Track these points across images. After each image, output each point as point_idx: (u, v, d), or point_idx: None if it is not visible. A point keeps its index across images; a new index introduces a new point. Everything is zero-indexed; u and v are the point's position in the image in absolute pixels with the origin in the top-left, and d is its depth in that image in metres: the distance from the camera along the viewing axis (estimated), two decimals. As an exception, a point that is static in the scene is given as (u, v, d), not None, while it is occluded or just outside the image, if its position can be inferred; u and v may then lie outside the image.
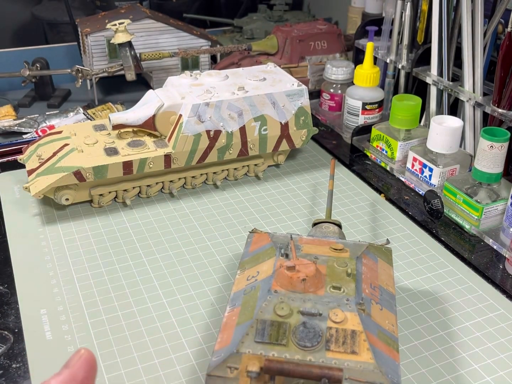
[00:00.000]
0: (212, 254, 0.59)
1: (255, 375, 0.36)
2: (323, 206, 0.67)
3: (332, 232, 0.52)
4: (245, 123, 0.67)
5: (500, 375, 0.46)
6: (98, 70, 0.89)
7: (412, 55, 0.80)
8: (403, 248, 0.60)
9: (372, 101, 0.80)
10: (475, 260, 0.59)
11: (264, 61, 0.91)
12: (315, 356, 0.36)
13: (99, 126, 0.69)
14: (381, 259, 0.48)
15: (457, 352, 0.48)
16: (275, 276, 0.41)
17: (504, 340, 0.49)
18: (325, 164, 0.76)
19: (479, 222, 0.61)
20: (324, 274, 0.42)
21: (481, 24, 0.67)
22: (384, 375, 0.35)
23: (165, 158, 0.65)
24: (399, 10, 0.80)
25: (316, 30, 0.95)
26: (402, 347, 0.48)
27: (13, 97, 0.94)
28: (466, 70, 0.69)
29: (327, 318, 0.38)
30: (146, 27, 0.92)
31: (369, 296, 0.42)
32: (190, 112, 0.64)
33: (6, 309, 0.51)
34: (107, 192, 0.65)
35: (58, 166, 0.61)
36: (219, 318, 0.50)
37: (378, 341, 0.38)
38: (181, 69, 0.97)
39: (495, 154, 0.59)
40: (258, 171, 0.72)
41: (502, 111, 0.65)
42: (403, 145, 0.72)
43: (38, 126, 0.83)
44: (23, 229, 0.62)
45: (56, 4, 1.28)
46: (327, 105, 0.87)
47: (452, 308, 0.52)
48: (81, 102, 0.94)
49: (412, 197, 0.69)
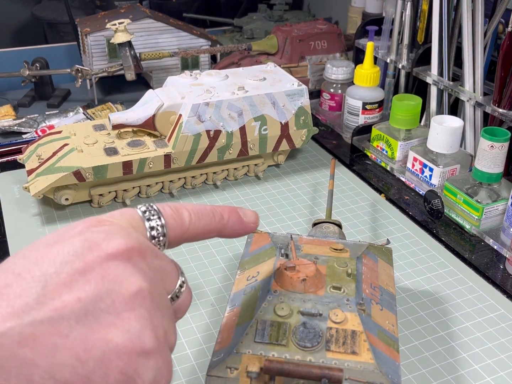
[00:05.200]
0: (212, 254, 0.59)
1: (255, 375, 0.36)
2: (323, 206, 0.67)
3: (332, 232, 0.52)
4: (245, 123, 0.67)
5: (500, 375, 0.46)
6: (98, 70, 0.89)
7: (412, 55, 0.80)
8: (403, 248, 0.60)
9: (372, 101, 0.79)
10: (475, 260, 0.59)
11: (264, 61, 0.90)
12: (315, 356, 0.36)
13: (99, 126, 0.69)
14: (381, 259, 0.48)
15: (458, 352, 0.48)
16: (275, 276, 0.41)
17: (504, 340, 0.49)
18: (325, 164, 0.76)
19: (480, 222, 0.60)
20: (324, 274, 0.42)
21: (481, 24, 0.67)
22: (384, 376, 0.35)
23: (165, 158, 0.64)
24: (399, 10, 0.80)
25: (316, 30, 0.95)
26: (402, 347, 0.48)
27: (12, 97, 0.94)
28: (467, 70, 0.69)
29: (327, 318, 0.38)
30: (146, 27, 0.92)
31: (369, 296, 0.42)
32: (190, 112, 0.64)
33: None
34: (107, 192, 0.65)
35: (58, 166, 0.61)
36: (219, 318, 0.50)
37: (378, 341, 0.38)
38: (181, 69, 0.97)
39: (496, 154, 0.59)
40: (258, 171, 0.72)
41: (503, 111, 0.65)
42: (403, 145, 0.72)
43: (37, 126, 0.83)
44: (23, 229, 0.62)
45: (56, 4, 1.28)
46: (327, 105, 0.87)
47: (453, 308, 0.52)
48: (81, 102, 0.94)
49: (413, 197, 0.69)
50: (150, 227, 0.30)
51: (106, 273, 0.25)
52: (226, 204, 0.67)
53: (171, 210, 0.31)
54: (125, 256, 0.26)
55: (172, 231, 0.31)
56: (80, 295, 0.24)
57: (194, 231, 0.32)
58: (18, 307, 0.23)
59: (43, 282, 0.24)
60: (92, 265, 0.25)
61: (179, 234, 0.31)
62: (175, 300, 0.30)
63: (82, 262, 0.25)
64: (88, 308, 0.24)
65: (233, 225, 0.34)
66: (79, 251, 0.25)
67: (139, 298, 0.25)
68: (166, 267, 0.29)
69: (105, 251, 0.26)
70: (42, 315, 0.23)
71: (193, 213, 0.32)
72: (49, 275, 0.24)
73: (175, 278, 0.30)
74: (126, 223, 0.29)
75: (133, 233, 0.28)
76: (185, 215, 0.31)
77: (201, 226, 0.32)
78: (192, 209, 0.32)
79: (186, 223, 0.31)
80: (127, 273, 0.26)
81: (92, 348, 0.24)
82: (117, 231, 0.27)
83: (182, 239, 0.32)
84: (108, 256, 0.25)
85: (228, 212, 0.34)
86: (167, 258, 0.30)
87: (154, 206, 0.31)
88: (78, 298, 0.24)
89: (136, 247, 0.27)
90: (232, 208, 0.35)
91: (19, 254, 0.26)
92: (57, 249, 0.26)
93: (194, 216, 0.32)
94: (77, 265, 0.25)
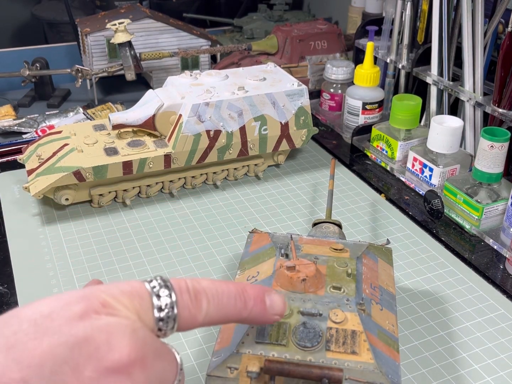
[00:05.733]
0: (212, 254, 0.59)
1: (255, 375, 0.36)
2: (323, 206, 0.67)
3: (332, 232, 0.52)
4: (245, 123, 0.67)
5: (500, 375, 0.46)
6: (98, 70, 0.89)
7: (412, 55, 0.80)
8: (403, 248, 0.60)
9: (372, 101, 0.79)
10: (475, 260, 0.59)
11: (264, 61, 0.90)
12: (315, 356, 0.36)
13: (99, 126, 0.69)
14: (381, 259, 0.48)
15: (457, 352, 0.48)
16: (275, 276, 0.41)
17: (504, 340, 0.49)
18: (325, 164, 0.76)
19: (479, 222, 0.60)
20: (324, 274, 0.42)
21: (481, 24, 0.67)
22: (384, 375, 0.35)
23: (165, 158, 0.64)
24: (399, 10, 0.80)
25: (316, 30, 0.95)
26: (402, 347, 0.48)
27: (13, 97, 0.94)
28: (467, 70, 0.69)
29: (327, 318, 0.38)
30: (146, 27, 0.92)
31: (369, 296, 0.42)
32: (190, 112, 0.64)
33: (5, 309, 0.51)
34: (107, 192, 0.65)
35: (58, 166, 0.61)
36: (219, 318, 0.50)
37: (378, 341, 0.38)
38: (181, 69, 0.97)
39: (496, 154, 0.59)
40: (258, 171, 0.72)
41: (503, 111, 0.65)
42: (403, 145, 0.72)
43: (38, 126, 0.83)
44: (23, 229, 0.62)
45: (56, 4, 1.28)
46: (327, 105, 0.87)
47: (452, 308, 0.52)
48: (81, 102, 0.94)
49: (412, 197, 0.69)
50: (159, 318, 0.27)
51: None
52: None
53: (189, 298, 0.27)
54: (125, 371, 0.24)
55: (182, 324, 0.27)
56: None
57: (207, 323, 0.28)
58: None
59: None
60: (87, 382, 0.22)
61: (189, 326, 0.28)
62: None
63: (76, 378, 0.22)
64: None
65: (254, 316, 0.30)
66: (75, 358, 0.22)
67: None
68: (165, 370, 0.27)
69: (104, 365, 0.23)
70: None
71: (212, 301, 0.28)
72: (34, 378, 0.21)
73: (173, 377, 0.27)
74: (134, 315, 0.25)
75: (140, 332, 0.25)
76: (204, 306, 0.28)
77: (217, 318, 0.28)
78: (213, 296, 0.28)
79: (202, 315, 0.28)
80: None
81: None
82: (122, 332, 0.24)
83: (190, 329, 0.29)
84: (107, 371, 0.23)
85: (254, 299, 0.30)
86: (167, 356, 0.27)
87: (169, 284, 0.27)
88: None
89: (139, 357, 0.24)
90: (260, 294, 0.30)
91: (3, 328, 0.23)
92: (47, 344, 0.22)
93: (212, 306, 0.28)
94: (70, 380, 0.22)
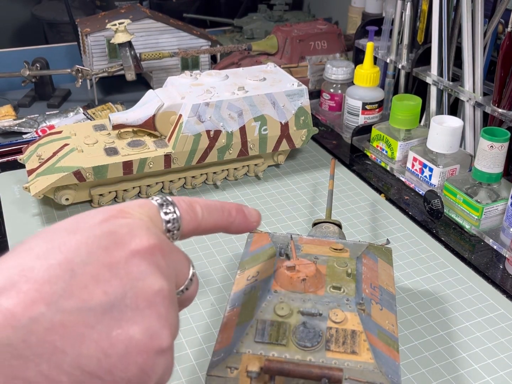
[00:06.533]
0: (212, 254, 0.59)
1: (255, 375, 0.36)
2: (323, 206, 0.67)
3: (332, 232, 0.52)
4: (245, 123, 0.67)
5: (500, 375, 0.46)
6: (98, 70, 0.89)
7: (412, 55, 0.80)
8: (403, 248, 0.60)
9: (372, 101, 0.80)
10: (475, 260, 0.59)
11: (264, 61, 0.91)
12: (315, 356, 0.36)
13: (99, 126, 0.69)
14: (381, 259, 0.48)
15: (457, 352, 0.48)
16: (275, 276, 0.41)
17: (504, 340, 0.49)
18: (325, 164, 0.76)
19: (479, 222, 0.61)
20: (324, 274, 0.42)
21: (481, 24, 0.67)
22: (384, 375, 0.35)
23: (165, 158, 0.65)
24: (399, 10, 0.80)
25: (316, 30, 0.95)
26: (402, 347, 0.48)
27: (13, 97, 0.94)
28: (466, 70, 0.69)
29: (327, 318, 0.38)
30: (146, 27, 0.92)
31: (369, 296, 0.42)
32: (190, 112, 0.64)
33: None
34: (107, 192, 0.65)
35: (58, 166, 0.61)
36: (219, 318, 0.50)
37: (378, 341, 0.38)
38: (181, 69, 0.97)
39: (495, 154, 0.59)
40: (258, 171, 0.72)
41: (502, 111, 0.65)
42: (403, 145, 0.72)
43: (38, 126, 0.83)
44: (23, 229, 0.62)
45: (56, 4, 1.28)
46: (327, 105, 0.87)
47: (452, 308, 0.52)
48: (81, 102, 0.94)
49: (412, 197, 0.69)
50: (166, 220, 0.30)
51: (130, 270, 0.25)
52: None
53: (186, 204, 0.32)
54: (148, 253, 0.26)
55: (186, 226, 0.31)
56: (107, 289, 0.24)
57: (205, 226, 0.33)
58: (47, 294, 0.23)
59: (70, 272, 0.24)
60: (118, 260, 0.25)
61: (192, 228, 0.32)
62: (184, 292, 0.30)
63: (108, 256, 0.25)
64: (114, 302, 0.24)
65: (239, 223, 0.35)
66: (104, 244, 0.26)
67: (160, 297, 0.26)
68: (180, 262, 0.30)
69: (130, 248, 0.26)
70: (71, 305, 0.23)
71: (204, 208, 0.33)
72: (76, 265, 0.24)
73: (187, 272, 0.31)
74: (146, 217, 0.29)
75: (153, 229, 0.28)
76: (198, 210, 0.32)
77: (211, 222, 0.33)
78: (204, 204, 0.33)
79: (199, 218, 0.32)
80: (150, 271, 0.26)
81: (116, 343, 0.24)
82: (139, 226, 0.27)
83: (193, 233, 0.33)
84: (132, 253, 0.26)
85: (235, 209, 0.35)
86: (180, 252, 0.30)
87: (170, 198, 0.31)
88: (104, 291, 0.24)
89: (157, 244, 0.27)
90: (239, 206, 0.36)
91: (39, 236, 0.26)
92: (80, 237, 0.26)
93: (205, 211, 0.32)
94: (103, 258, 0.25)
